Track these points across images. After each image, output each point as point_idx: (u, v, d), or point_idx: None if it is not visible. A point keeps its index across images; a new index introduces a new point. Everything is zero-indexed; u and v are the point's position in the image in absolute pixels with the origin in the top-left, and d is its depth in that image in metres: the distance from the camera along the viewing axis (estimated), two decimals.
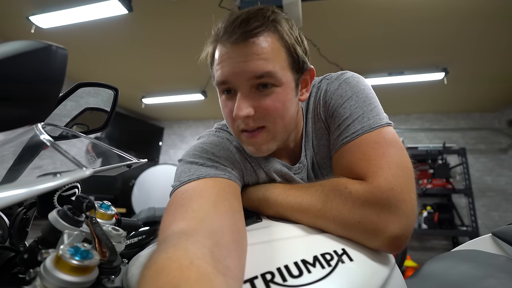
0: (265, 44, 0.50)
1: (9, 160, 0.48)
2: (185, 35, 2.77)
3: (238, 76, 0.51)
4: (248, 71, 0.49)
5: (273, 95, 0.52)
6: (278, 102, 0.52)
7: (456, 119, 4.51)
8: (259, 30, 0.49)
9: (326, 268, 0.40)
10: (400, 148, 0.52)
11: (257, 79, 0.50)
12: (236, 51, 0.50)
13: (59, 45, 0.34)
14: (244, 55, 0.49)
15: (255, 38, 0.49)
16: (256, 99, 0.52)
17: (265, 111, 0.52)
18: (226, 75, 0.51)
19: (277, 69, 0.50)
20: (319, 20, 2.49)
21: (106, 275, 0.40)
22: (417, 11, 2.32)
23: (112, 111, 0.64)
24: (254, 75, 0.50)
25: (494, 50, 2.79)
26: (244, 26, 0.48)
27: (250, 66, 0.49)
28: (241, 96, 0.51)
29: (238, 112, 0.51)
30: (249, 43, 0.49)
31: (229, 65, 0.50)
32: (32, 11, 2.51)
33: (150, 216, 0.99)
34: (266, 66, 0.49)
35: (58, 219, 0.41)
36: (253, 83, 0.51)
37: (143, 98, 4.48)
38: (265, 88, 0.51)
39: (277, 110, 0.53)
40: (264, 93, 0.52)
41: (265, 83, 0.51)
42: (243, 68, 0.49)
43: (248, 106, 0.51)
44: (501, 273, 0.59)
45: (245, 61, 0.49)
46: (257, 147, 0.56)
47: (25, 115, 0.34)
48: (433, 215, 3.79)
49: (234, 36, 0.49)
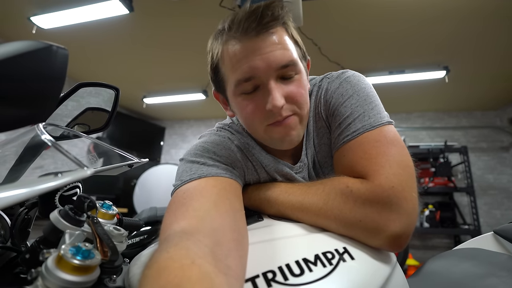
0: (282, 35, 0.52)
1: (11, 160, 0.49)
2: (186, 35, 2.77)
3: (265, 68, 0.50)
4: (275, 61, 0.50)
5: (296, 82, 0.54)
6: (302, 88, 0.55)
7: (458, 117, 4.49)
8: (274, 23, 0.51)
9: (327, 266, 0.40)
10: (401, 146, 0.52)
11: (283, 68, 0.52)
12: (257, 44, 0.50)
13: (59, 45, 0.34)
14: (266, 46, 0.50)
15: (273, 29, 0.51)
16: (283, 88, 0.53)
17: (293, 98, 0.54)
18: (252, 69, 0.50)
19: (297, 57, 0.54)
20: (320, 19, 2.49)
21: (108, 275, 0.40)
22: (418, 9, 2.31)
23: (113, 111, 0.64)
24: (280, 64, 0.51)
25: (495, 48, 2.78)
26: (260, 19, 0.49)
27: (277, 56, 0.50)
28: (274, 86, 0.51)
29: (276, 102, 0.50)
30: (268, 35, 0.50)
31: (253, 59, 0.50)
32: (33, 12, 2.51)
33: (151, 215, 0.99)
34: (290, 55, 0.52)
35: (59, 219, 0.41)
36: (279, 74, 0.52)
37: (144, 98, 4.48)
38: (290, 77, 0.53)
39: (302, 96, 0.55)
40: (289, 82, 0.54)
41: (289, 72, 0.53)
42: (269, 59, 0.50)
43: (281, 96, 0.52)
44: (503, 271, 0.59)
45: (270, 52, 0.50)
46: (288, 131, 0.55)
47: (26, 115, 0.34)
48: (435, 214, 3.78)
49: (251, 31, 0.49)
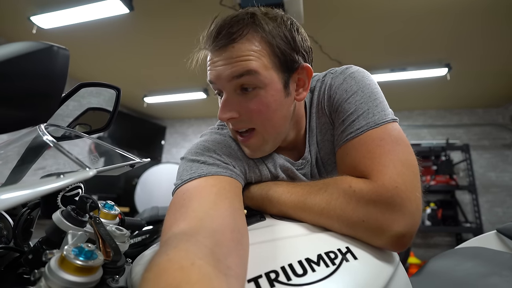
0: (244, 48, 0.51)
1: (13, 160, 0.49)
2: (186, 33, 2.77)
3: (220, 80, 0.54)
4: (228, 74, 0.52)
5: (256, 98, 0.54)
6: (262, 105, 0.54)
7: (460, 115, 4.48)
8: (236, 36, 0.51)
9: (330, 266, 0.40)
10: (406, 145, 0.51)
11: (237, 79, 0.52)
12: (218, 57, 0.53)
13: (60, 46, 0.34)
14: (224, 59, 0.52)
15: (234, 44, 0.51)
16: (241, 101, 0.54)
17: (249, 114, 0.55)
18: (212, 78, 0.55)
19: (258, 69, 0.51)
20: (321, 16, 2.48)
21: (111, 275, 0.40)
22: (419, 6, 2.30)
23: (114, 111, 0.64)
24: (233, 75, 0.52)
25: (497, 45, 2.77)
26: (223, 32, 0.51)
27: (229, 69, 0.52)
28: (224, 99, 0.55)
29: (221, 114, 0.55)
30: (228, 49, 0.52)
31: (214, 70, 0.54)
32: (34, 11, 2.51)
33: (153, 215, 0.99)
34: (245, 66, 0.51)
35: (62, 219, 0.42)
36: (236, 85, 0.53)
37: (145, 97, 4.48)
38: (248, 91, 0.53)
39: (261, 113, 0.54)
40: (248, 96, 0.54)
41: (247, 85, 0.53)
42: (223, 71, 0.52)
43: (230, 110, 0.54)
44: (506, 270, 0.58)
45: (225, 65, 0.52)
46: (251, 150, 0.59)
47: (27, 116, 0.34)
48: (437, 212, 3.78)
49: (215, 43, 0.52)
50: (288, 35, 0.54)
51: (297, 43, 0.56)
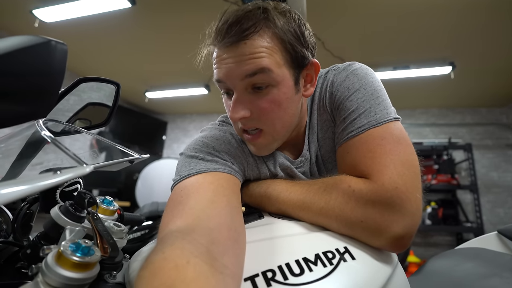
0: (256, 45, 0.49)
1: (12, 155, 0.49)
2: (188, 28, 2.75)
3: (231, 78, 0.51)
4: (240, 72, 0.50)
5: (269, 96, 0.52)
6: (274, 104, 0.52)
7: (462, 114, 4.44)
8: (249, 32, 0.49)
9: (328, 266, 0.40)
10: (408, 144, 0.50)
11: (250, 77, 0.50)
12: (228, 54, 0.50)
13: (58, 40, 0.34)
14: (235, 57, 0.49)
15: (246, 40, 0.49)
16: (252, 100, 0.52)
17: (261, 112, 0.53)
18: (221, 76, 0.52)
19: (271, 66, 0.50)
20: (324, 13, 2.45)
21: (108, 271, 0.40)
22: (423, 3, 2.27)
23: (113, 107, 0.64)
24: (246, 74, 0.50)
25: (502, 44, 2.73)
26: (235, 28, 0.48)
27: (241, 67, 0.49)
28: (236, 98, 0.52)
29: (233, 114, 0.52)
30: (240, 45, 0.49)
31: (223, 67, 0.51)
32: (36, 5, 2.50)
33: (153, 210, 1.00)
34: (258, 64, 0.49)
35: (60, 215, 0.42)
36: (248, 84, 0.51)
37: (147, 92, 4.48)
38: (260, 89, 0.51)
39: (274, 112, 0.53)
40: (260, 95, 0.52)
41: (260, 84, 0.51)
42: (235, 69, 0.50)
43: (243, 108, 0.52)
44: (506, 272, 0.58)
45: (236, 62, 0.49)
46: (257, 148, 0.58)
47: (26, 111, 0.34)
48: (437, 211, 3.77)
49: (225, 39, 0.49)
50: (297, 31, 0.53)
51: (306, 38, 0.55)
